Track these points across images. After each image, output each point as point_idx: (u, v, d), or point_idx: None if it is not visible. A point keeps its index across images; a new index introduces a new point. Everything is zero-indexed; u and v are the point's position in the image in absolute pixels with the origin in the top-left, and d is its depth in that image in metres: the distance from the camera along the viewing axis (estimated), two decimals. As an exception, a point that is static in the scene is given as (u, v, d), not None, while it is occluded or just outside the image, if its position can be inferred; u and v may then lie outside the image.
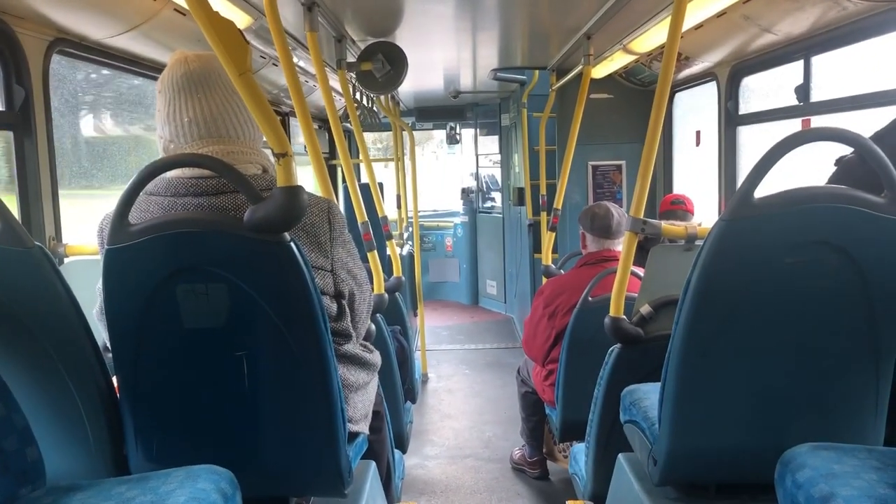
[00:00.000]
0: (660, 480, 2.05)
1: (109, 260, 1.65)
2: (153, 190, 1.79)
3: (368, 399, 2.17)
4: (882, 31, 2.83)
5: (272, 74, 4.36)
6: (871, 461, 1.51)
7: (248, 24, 3.08)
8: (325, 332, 1.72)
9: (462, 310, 9.29)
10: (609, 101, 5.49)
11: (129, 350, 1.71)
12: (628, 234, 2.60)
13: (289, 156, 1.64)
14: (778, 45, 3.47)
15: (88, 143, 3.62)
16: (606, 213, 3.58)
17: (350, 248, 2.04)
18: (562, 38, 4.35)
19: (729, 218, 1.77)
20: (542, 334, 3.61)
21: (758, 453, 1.84)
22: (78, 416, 1.74)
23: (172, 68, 1.85)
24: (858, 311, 1.78)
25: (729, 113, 4.13)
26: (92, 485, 1.53)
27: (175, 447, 1.80)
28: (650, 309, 2.61)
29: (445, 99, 7.85)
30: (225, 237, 1.63)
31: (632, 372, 2.56)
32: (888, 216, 1.73)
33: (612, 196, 5.57)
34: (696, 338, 1.85)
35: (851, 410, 1.88)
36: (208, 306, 1.66)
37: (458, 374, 6.49)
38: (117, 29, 2.71)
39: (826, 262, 1.75)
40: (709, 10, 3.19)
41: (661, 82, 2.50)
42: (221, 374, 1.73)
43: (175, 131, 1.84)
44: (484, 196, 9.70)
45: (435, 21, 3.87)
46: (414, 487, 4.20)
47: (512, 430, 4.84)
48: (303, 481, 1.88)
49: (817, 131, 2.12)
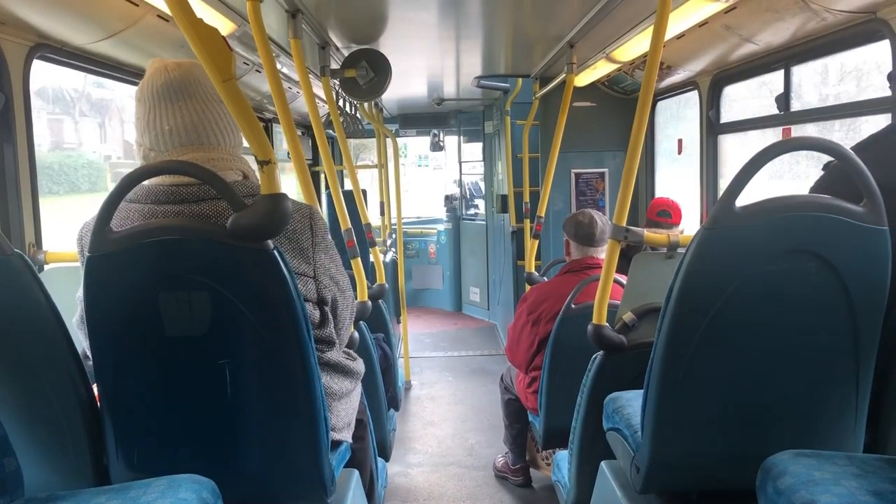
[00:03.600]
0: (642, 488, 2.05)
1: (91, 267, 1.64)
2: (133, 197, 1.78)
3: (352, 407, 2.16)
4: (860, 43, 2.87)
5: (255, 81, 4.34)
6: (852, 468, 1.52)
7: (231, 30, 3.07)
8: (309, 340, 1.72)
9: (445, 317, 9.29)
10: (592, 109, 5.52)
11: (110, 358, 1.69)
12: (611, 242, 2.61)
13: (272, 163, 1.63)
14: (758, 55, 3.51)
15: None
16: (591, 220, 3.59)
17: (332, 254, 2.04)
18: (545, 46, 4.37)
19: (711, 226, 1.78)
20: (525, 341, 3.61)
21: (740, 461, 1.85)
22: (58, 425, 1.73)
23: (152, 77, 1.84)
24: (839, 319, 1.80)
25: (710, 122, 4.17)
26: (71, 495, 1.51)
27: (156, 456, 1.78)
28: (633, 316, 2.62)
29: (429, 106, 7.86)
30: (208, 245, 1.62)
31: (614, 379, 2.56)
32: (867, 225, 1.75)
33: (594, 203, 5.60)
34: (678, 345, 1.86)
35: (832, 418, 1.89)
36: (190, 314, 1.64)
37: (441, 382, 6.48)
38: (99, 35, 2.69)
39: (807, 270, 1.77)
40: (691, 20, 3.22)
41: (644, 91, 2.51)
42: (203, 382, 1.71)
43: (155, 139, 1.83)
44: (467, 203, 9.71)
45: (419, 28, 3.87)
46: (396, 495, 4.18)
47: (495, 437, 4.84)
48: (285, 490, 1.87)
49: (798, 141, 2.15)
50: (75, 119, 7.25)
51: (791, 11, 2.81)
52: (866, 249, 1.76)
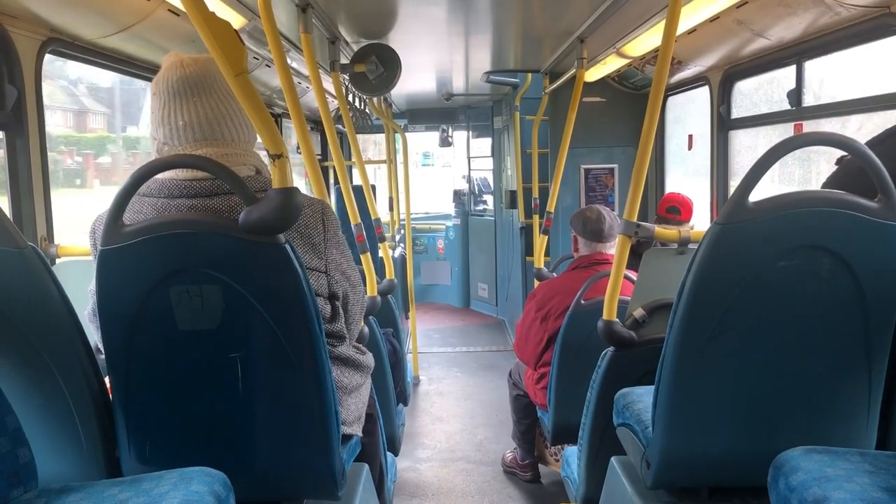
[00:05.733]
0: (653, 484, 2.05)
1: (103, 261, 1.64)
2: (146, 191, 1.78)
3: (362, 401, 2.16)
4: (874, 37, 2.85)
5: (265, 75, 4.35)
6: (864, 465, 1.52)
7: (241, 24, 3.07)
8: (320, 334, 1.72)
9: (453, 312, 9.28)
10: (602, 104, 5.51)
11: (122, 351, 1.70)
12: (621, 238, 2.60)
13: (284, 157, 1.64)
14: (770, 50, 3.49)
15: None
16: (598, 216, 3.58)
17: (344, 250, 2.04)
18: (555, 41, 4.36)
19: (723, 222, 1.77)
20: (534, 337, 3.61)
21: (751, 457, 1.85)
22: (70, 418, 1.73)
23: (168, 71, 1.84)
24: (851, 315, 1.79)
25: (721, 117, 4.15)
26: (84, 486, 1.52)
27: (168, 449, 1.79)
28: (643, 312, 2.61)
29: (438, 101, 7.85)
30: (220, 239, 1.62)
31: (624, 375, 2.56)
32: (881, 220, 1.74)
33: (604, 199, 5.58)
34: (690, 341, 1.85)
35: (844, 414, 1.89)
36: (202, 308, 1.65)
37: (449, 377, 6.48)
38: (111, 29, 2.69)
39: (819, 266, 1.76)
40: (702, 15, 3.20)
41: (655, 86, 2.50)
42: (215, 376, 1.72)
43: (170, 134, 1.83)
44: (476, 199, 9.69)
45: (428, 23, 3.87)
46: (405, 490, 4.19)
47: (504, 433, 4.84)
48: (296, 484, 1.88)
49: (811, 136, 2.14)
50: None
51: (804, 6, 2.79)
52: (880, 245, 1.75)
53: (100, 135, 6.54)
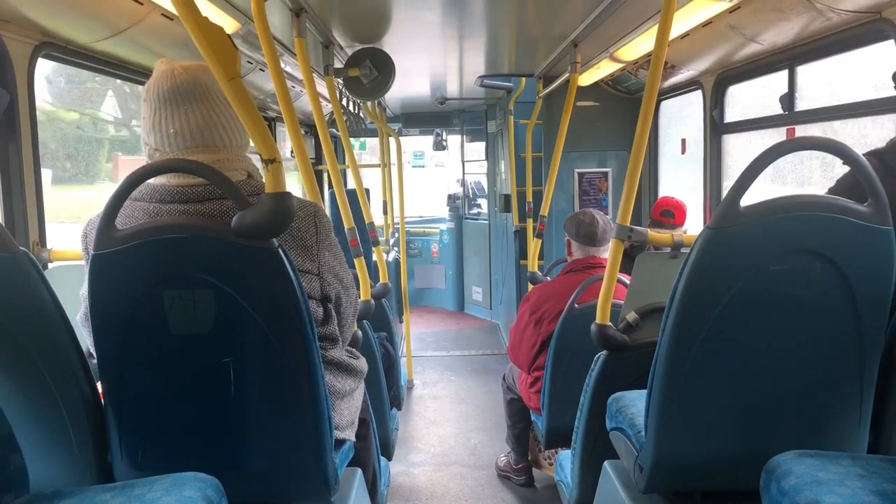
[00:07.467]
0: (646, 488, 2.05)
1: (96, 265, 1.64)
2: (138, 196, 1.78)
3: (355, 406, 2.16)
4: (865, 42, 2.87)
5: (259, 79, 4.34)
6: (856, 469, 1.52)
7: (235, 29, 3.07)
8: (313, 339, 1.72)
9: (448, 316, 9.28)
10: (595, 108, 5.52)
11: (115, 356, 1.70)
12: (615, 242, 2.61)
13: (277, 162, 1.63)
14: (763, 55, 3.50)
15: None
16: (592, 220, 3.59)
17: (336, 252, 2.04)
18: (549, 45, 4.37)
19: (715, 226, 1.78)
20: (528, 341, 3.61)
21: (743, 461, 1.85)
22: (62, 423, 1.73)
23: (159, 80, 1.83)
24: (843, 319, 1.80)
25: (714, 121, 4.16)
26: (76, 492, 1.52)
27: (160, 454, 1.78)
28: (636, 316, 2.61)
29: (432, 105, 7.85)
30: (212, 243, 1.62)
31: (618, 379, 2.56)
32: (872, 225, 1.75)
33: (597, 203, 5.59)
34: (682, 345, 1.86)
35: (836, 418, 1.89)
36: (195, 312, 1.65)
37: (443, 381, 6.48)
38: (104, 33, 2.69)
39: (811, 270, 1.77)
40: (695, 19, 3.21)
41: (648, 90, 2.51)
42: (208, 380, 1.72)
43: (161, 141, 1.83)
44: (470, 202, 9.70)
45: (422, 28, 3.87)
46: (399, 494, 4.19)
47: (497, 436, 4.84)
48: (289, 488, 1.87)
49: (803, 140, 2.14)
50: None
51: (796, 11, 2.80)
52: (871, 249, 1.76)
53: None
